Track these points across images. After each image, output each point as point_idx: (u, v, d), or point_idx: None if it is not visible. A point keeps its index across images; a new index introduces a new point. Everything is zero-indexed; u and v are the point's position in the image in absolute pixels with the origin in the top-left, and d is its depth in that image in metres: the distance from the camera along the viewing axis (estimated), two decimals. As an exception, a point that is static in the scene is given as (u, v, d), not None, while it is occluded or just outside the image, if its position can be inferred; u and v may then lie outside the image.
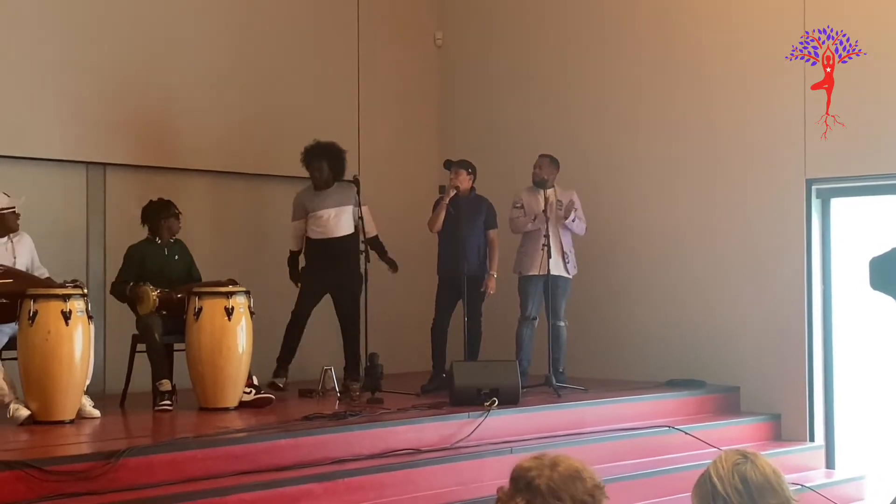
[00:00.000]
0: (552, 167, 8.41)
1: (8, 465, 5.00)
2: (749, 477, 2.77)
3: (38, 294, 6.39)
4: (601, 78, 9.29)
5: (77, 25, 8.07)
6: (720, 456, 2.87)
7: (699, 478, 2.86)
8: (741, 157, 8.51)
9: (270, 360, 8.37)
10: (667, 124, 8.90)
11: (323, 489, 5.69)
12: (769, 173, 8.38)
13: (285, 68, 9.23)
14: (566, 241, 8.30)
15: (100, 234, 8.19)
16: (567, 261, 8.23)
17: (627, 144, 9.10)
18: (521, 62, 9.80)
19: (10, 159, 7.72)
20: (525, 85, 9.75)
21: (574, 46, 9.47)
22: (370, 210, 8.23)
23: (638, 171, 9.04)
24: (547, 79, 9.62)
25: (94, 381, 6.84)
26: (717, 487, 2.78)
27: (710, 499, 2.79)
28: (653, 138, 8.97)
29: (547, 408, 7.35)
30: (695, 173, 8.74)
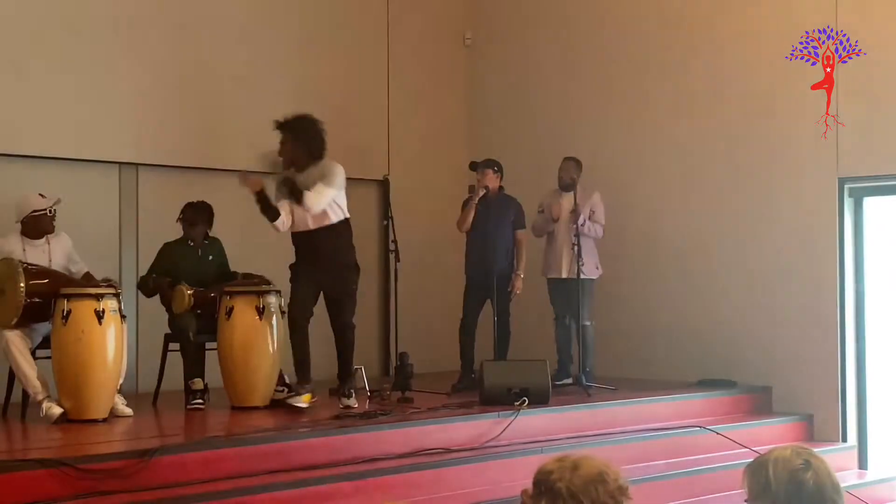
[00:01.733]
0: (576, 169, 8.41)
1: (42, 464, 5.04)
2: (805, 486, 2.74)
3: (71, 293, 6.45)
4: (630, 78, 9.26)
5: (111, 27, 8.13)
6: (784, 451, 2.84)
7: (756, 461, 2.85)
8: (774, 155, 8.45)
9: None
10: (698, 121, 8.86)
11: (353, 488, 5.70)
12: (802, 172, 8.32)
13: (315, 68, 9.25)
14: (583, 244, 8.24)
15: (132, 235, 8.25)
16: (582, 262, 8.20)
17: (659, 143, 9.07)
18: (550, 62, 9.78)
19: (45, 160, 7.79)
20: (554, 85, 9.74)
21: (603, 47, 9.44)
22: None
23: (669, 169, 9.01)
24: (576, 79, 9.59)
25: (126, 379, 6.90)
26: (769, 484, 2.76)
27: (760, 489, 2.78)
28: (684, 136, 8.93)
29: (577, 407, 7.34)
30: (727, 172, 8.70)
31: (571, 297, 8.22)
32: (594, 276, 8.34)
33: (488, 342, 8.03)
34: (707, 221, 8.80)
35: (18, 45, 7.65)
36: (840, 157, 8.13)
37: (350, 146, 9.48)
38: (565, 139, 9.32)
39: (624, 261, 8.87)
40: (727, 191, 8.70)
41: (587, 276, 8.21)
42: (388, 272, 8.95)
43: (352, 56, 9.53)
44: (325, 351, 8.86)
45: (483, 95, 10.27)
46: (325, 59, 9.32)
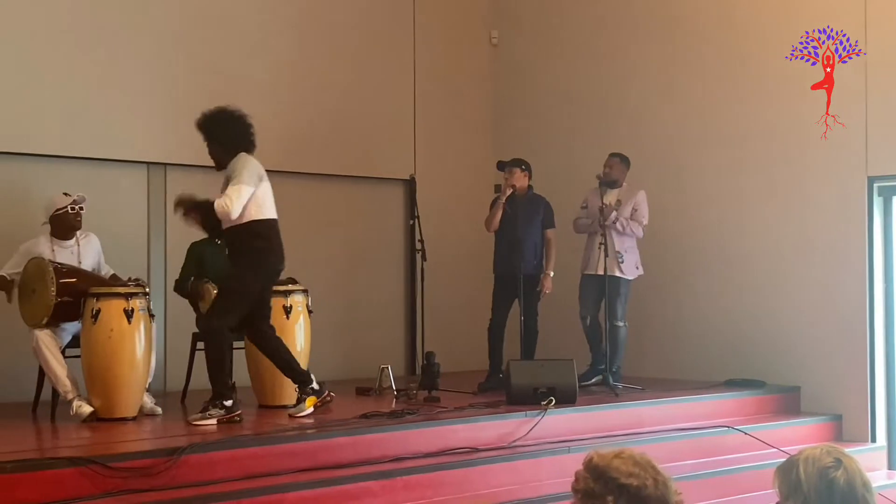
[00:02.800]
0: (623, 166, 8.36)
1: (72, 462, 5.07)
2: (836, 485, 2.73)
3: (100, 293, 6.50)
4: (659, 76, 9.24)
5: (140, 28, 8.18)
6: (814, 450, 2.83)
7: (786, 461, 2.85)
8: (802, 155, 8.41)
9: (328, 357, 8.44)
10: (726, 123, 8.82)
11: (381, 487, 5.71)
12: (830, 171, 8.27)
13: (341, 68, 9.28)
14: (620, 242, 8.21)
15: (160, 234, 8.29)
16: (621, 260, 8.16)
17: (686, 143, 9.04)
18: (578, 61, 9.77)
19: (74, 160, 7.85)
20: (581, 84, 9.72)
21: (631, 45, 9.42)
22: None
23: (697, 169, 8.98)
24: (603, 77, 9.58)
25: (154, 378, 6.95)
26: (801, 483, 2.75)
27: (791, 489, 2.77)
28: (713, 136, 8.90)
29: (604, 407, 7.33)
30: (755, 171, 8.66)
31: (605, 295, 8.19)
32: (631, 277, 8.29)
33: (516, 342, 8.02)
34: (736, 221, 8.76)
35: (47, 47, 7.71)
36: (869, 156, 8.08)
37: (376, 146, 9.53)
38: (593, 137, 9.31)
39: (653, 260, 8.84)
40: (756, 190, 8.66)
41: (624, 275, 8.18)
42: (415, 271, 8.97)
43: (378, 55, 9.55)
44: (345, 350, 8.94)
45: (509, 94, 10.26)
46: (350, 59, 9.34)
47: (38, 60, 7.68)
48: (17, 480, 4.87)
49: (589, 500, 2.53)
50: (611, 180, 8.27)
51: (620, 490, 2.51)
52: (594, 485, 2.53)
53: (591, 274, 8.27)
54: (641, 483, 2.50)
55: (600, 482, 2.52)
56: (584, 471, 2.56)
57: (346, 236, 9.37)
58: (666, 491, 2.51)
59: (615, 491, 2.50)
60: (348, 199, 9.44)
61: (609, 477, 2.52)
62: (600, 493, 2.52)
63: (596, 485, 2.53)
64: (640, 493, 2.49)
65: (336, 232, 9.27)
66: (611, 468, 2.52)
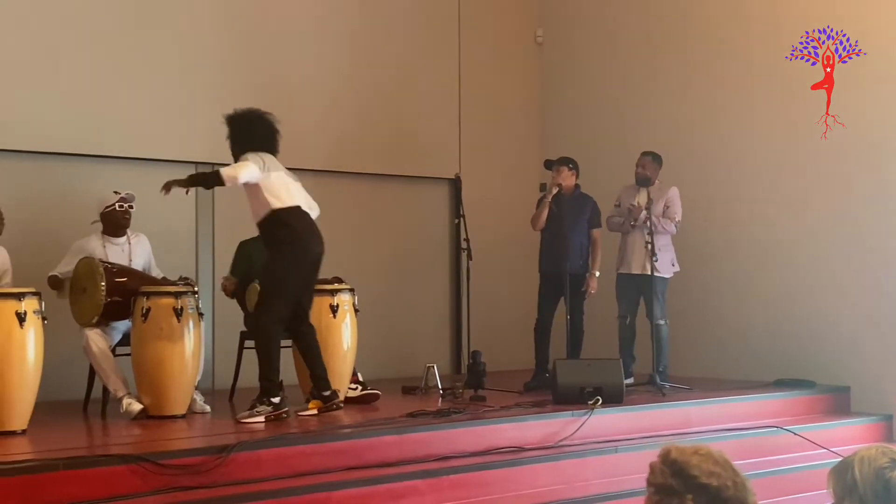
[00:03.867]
0: (655, 164, 8.31)
1: (123, 459, 5.12)
2: (892, 485, 2.70)
3: (150, 292, 6.56)
4: (704, 74, 9.17)
5: (187, 28, 8.26)
6: (868, 451, 2.80)
7: (841, 462, 2.81)
8: (850, 151, 8.32)
9: (374, 356, 8.47)
10: (775, 119, 8.74)
11: (427, 486, 5.72)
12: (879, 167, 8.17)
13: (387, 67, 9.30)
14: (655, 241, 8.14)
15: (209, 234, 8.36)
16: (656, 259, 8.11)
17: (736, 140, 8.96)
18: (623, 58, 9.72)
19: (123, 160, 7.93)
20: (627, 81, 9.68)
21: (676, 42, 9.37)
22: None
23: (746, 167, 8.91)
24: (649, 75, 9.53)
25: (203, 376, 7.00)
26: (856, 484, 2.72)
27: (847, 491, 2.74)
28: (762, 133, 8.82)
29: (651, 407, 7.29)
30: (804, 169, 8.58)
31: (643, 294, 8.17)
32: (668, 275, 8.25)
33: (562, 341, 8.00)
34: (784, 219, 8.68)
35: (96, 48, 7.80)
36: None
37: (421, 145, 9.54)
38: (639, 136, 9.26)
39: (701, 258, 8.79)
40: (805, 188, 8.58)
41: (661, 273, 8.13)
42: (460, 270, 8.98)
43: (423, 55, 9.56)
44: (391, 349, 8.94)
45: (555, 93, 10.23)
46: (396, 58, 9.36)
47: (91, 65, 7.77)
48: (69, 477, 4.93)
49: (666, 496, 2.45)
50: (644, 178, 8.23)
51: (700, 489, 2.44)
52: (673, 481, 2.46)
53: (626, 273, 8.26)
54: (722, 484, 2.43)
55: (679, 479, 2.45)
56: (661, 465, 2.48)
57: (392, 236, 9.40)
58: (745, 492, 2.45)
59: (694, 489, 2.43)
60: (394, 198, 9.47)
61: (689, 475, 2.45)
62: (680, 490, 2.45)
63: (675, 481, 2.46)
64: (721, 494, 2.42)
65: (382, 231, 9.30)
66: (691, 465, 2.45)
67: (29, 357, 5.94)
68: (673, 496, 2.44)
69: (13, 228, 7.22)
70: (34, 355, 5.96)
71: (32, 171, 7.63)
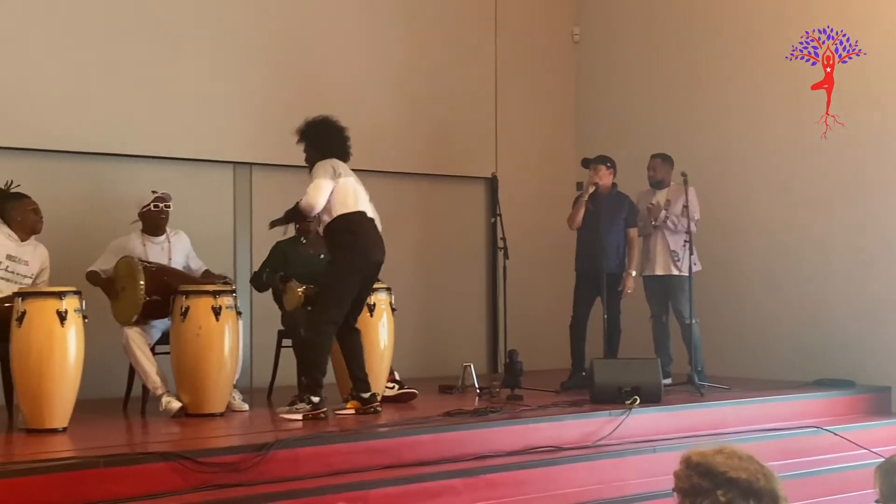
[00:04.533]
0: (665, 166, 8.34)
1: (162, 457, 5.15)
2: None
3: (189, 291, 6.60)
4: (743, 74, 9.10)
5: (227, 28, 8.31)
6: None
7: (887, 461, 2.81)
8: (883, 148, 8.24)
9: (410, 355, 8.48)
10: (808, 116, 8.66)
11: (464, 485, 5.71)
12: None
13: (423, 66, 9.32)
14: (675, 240, 8.15)
15: (246, 233, 8.41)
16: (677, 259, 8.09)
17: (775, 137, 8.89)
18: (660, 58, 9.68)
19: (162, 160, 8.00)
20: (664, 80, 9.63)
21: (714, 42, 9.31)
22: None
23: (784, 164, 8.84)
24: (686, 74, 9.48)
25: (241, 374, 7.03)
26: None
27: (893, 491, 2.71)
28: (796, 131, 8.75)
29: (690, 407, 7.24)
30: (841, 167, 8.50)
31: (669, 295, 8.16)
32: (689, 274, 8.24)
33: (599, 340, 7.97)
34: (825, 217, 8.61)
35: (133, 49, 7.86)
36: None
37: (458, 144, 9.55)
38: (675, 135, 9.21)
39: (739, 257, 8.73)
40: (848, 186, 8.50)
41: (682, 273, 8.12)
42: (497, 269, 8.97)
43: (459, 54, 9.56)
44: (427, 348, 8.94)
45: (591, 91, 10.20)
46: (432, 57, 9.37)
47: (128, 65, 7.83)
48: (109, 475, 4.97)
49: (696, 497, 2.44)
50: (656, 181, 8.25)
51: (730, 483, 2.42)
52: (700, 480, 2.45)
53: (650, 275, 8.28)
54: (752, 476, 2.42)
55: (707, 477, 2.44)
56: (685, 469, 2.47)
57: (429, 235, 9.41)
58: (774, 483, 2.43)
59: (725, 484, 2.41)
60: (431, 197, 9.48)
61: (717, 472, 2.43)
62: (709, 487, 2.43)
63: (703, 480, 2.44)
64: (752, 486, 2.40)
65: (418, 230, 9.31)
66: (717, 463, 2.44)
67: (70, 355, 5.98)
68: (702, 495, 2.43)
69: (53, 228, 7.30)
70: (75, 354, 6.01)
71: (72, 172, 7.70)
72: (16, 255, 6.52)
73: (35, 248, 6.64)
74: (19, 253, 6.55)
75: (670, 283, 8.16)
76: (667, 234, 8.17)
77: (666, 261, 8.15)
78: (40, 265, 6.67)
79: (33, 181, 7.24)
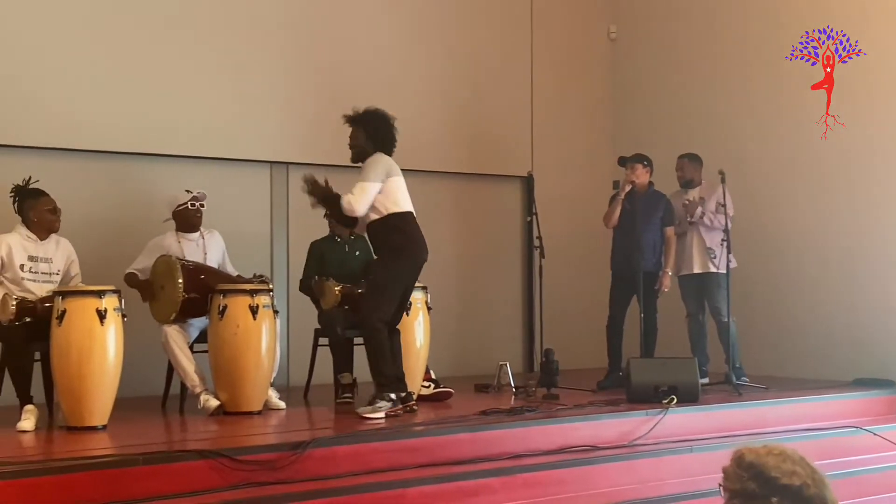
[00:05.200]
0: (693, 165, 8.31)
1: (201, 455, 5.18)
2: None
3: (227, 289, 6.64)
4: (780, 71, 9.03)
5: (264, 29, 8.34)
6: None
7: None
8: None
9: (446, 354, 8.49)
10: (851, 112, 8.59)
11: (501, 483, 5.71)
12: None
13: (460, 65, 9.32)
14: (710, 238, 8.13)
15: (283, 232, 8.45)
16: (713, 256, 8.06)
17: (810, 135, 8.82)
18: (697, 55, 9.62)
19: (199, 160, 8.05)
20: (701, 78, 9.57)
21: (751, 40, 9.24)
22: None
23: (822, 161, 8.76)
24: (723, 72, 9.41)
25: (278, 373, 7.06)
26: None
27: None
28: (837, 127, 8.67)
29: (727, 406, 7.20)
30: (880, 165, 8.42)
31: (705, 293, 8.12)
32: (726, 271, 8.19)
33: (635, 339, 7.94)
34: (863, 215, 8.53)
35: (168, 50, 7.92)
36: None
37: (494, 143, 9.54)
38: (713, 134, 9.16)
39: (777, 255, 8.67)
40: (882, 183, 8.42)
41: (719, 270, 8.08)
42: (533, 268, 8.96)
43: (494, 52, 9.56)
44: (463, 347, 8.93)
45: (628, 90, 10.16)
46: (467, 55, 9.37)
47: (164, 66, 7.88)
48: (148, 472, 5.00)
49: (747, 501, 2.39)
50: (686, 181, 8.24)
51: (783, 491, 2.38)
52: (752, 484, 2.40)
53: (687, 274, 8.24)
54: (803, 482, 2.38)
55: (759, 482, 2.39)
56: (736, 469, 2.42)
57: (465, 233, 9.41)
58: (824, 489, 2.39)
59: (779, 491, 2.37)
60: (467, 196, 9.48)
61: (769, 476, 2.39)
62: (763, 494, 2.38)
63: (755, 485, 2.39)
64: (803, 492, 2.36)
65: (454, 229, 9.31)
66: (769, 467, 2.39)
67: (109, 354, 6.04)
68: (755, 500, 2.38)
69: (91, 228, 7.39)
70: (114, 352, 6.06)
71: (110, 172, 7.76)
72: (37, 254, 6.47)
73: (58, 244, 6.59)
74: (40, 252, 6.49)
75: (707, 281, 8.12)
76: (702, 231, 8.14)
77: (703, 258, 8.13)
78: (66, 260, 6.62)
79: (71, 181, 7.34)
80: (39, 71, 7.41)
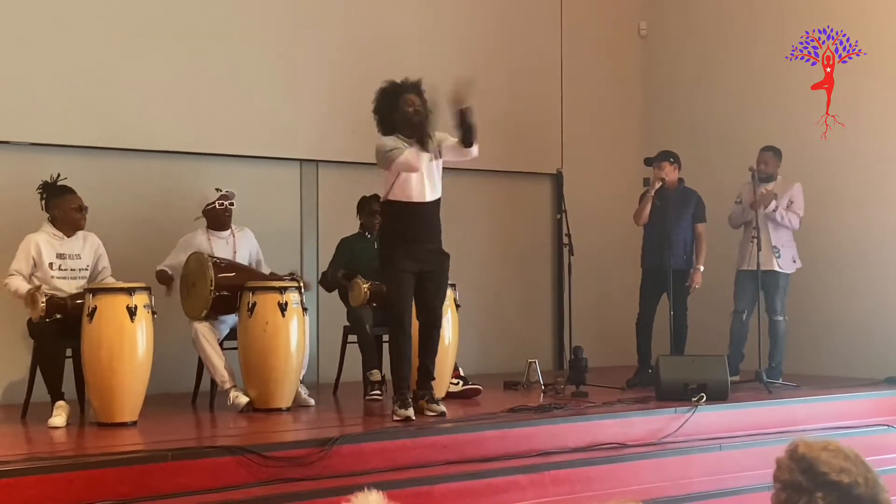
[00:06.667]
0: (776, 159, 8.22)
1: (230, 451, 5.22)
2: None
3: (256, 287, 6.68)
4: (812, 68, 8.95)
5: (294, 27, 8.37)
6: None
7: None
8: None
9: (475, 351, 8.48)
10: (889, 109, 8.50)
11: (529, 481, 5.71)
12: None
13: (489, 62, 9.28)
14: (777, 236, 8.06)
15: (313, 230, 8.48)
16: (778, 255, 7.99)
17: (848, 133, 8.72)
18: (727, 52, 9.56)
19: (227, 157, 8.09)
20: (731, 75, 9.51)
21: (782, 36, 9.16)
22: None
23: (860, 159, 8.67)
24: (754, 69, 9.34)
25: (308, 370, 7.09)
26: None
27: None
28: (876, 124, 8.59)
29: (757, 404, 7.16)
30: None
31: (765, 290, 8.04)
32: (790, 271, 8.15)
33: (665, 337, 7.91)
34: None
35: (199, 49, 7.96)
36: None
37: (523, 140, 9.52)
38: (744, 130, 9.10)
39: (812, 255, 8.59)
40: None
41: (782, 270, 8.03)
42: (562, 266, 8.93)
43: (524, 49, 9.54)
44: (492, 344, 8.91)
45: (658, 86, 10.11)
46: (498, 52, 9.35)
47: (196, 67, 7.93)
48: (177, 468, 5.05)
49: (795, 493, 2.36)
50: (767, 175, 8.14)
51: (830, 487, 2.33)
52: (801, 478, 2.36)
53: (746, 269, 8.13)
54: (853, 480, 2.33)
55: (808, 475, 2.35)
56: (788, 460, 2.39)
57: (494, 231, 9.40)
58: (876, 489, 2.36)
59: (825, 487, 2.33)
60: (496, 193, 9.47)
61: (819, 471, 2.35)
62: (809, 487, 2.35)
63: (804, 478, 2.36)
64: (851, 491, 2.32)
65: (483, 226, 9.31)
66: (820, 461, 2.35)
67: (139, 350, 6.09)
68: (802, 493, 2.36)
69: (122, 225, 7.45)
70: (144, 349, 6.11)
71: (142, 169, 7.82)
72: (64, 251, 6.51)
73: (85, 240, 6.62)
74: (67, 249, 6.53)
75: (768, 279, 8.02)
76: (770, 227, 8.05)
77: (767, 255, 8.01)
78: (94, 254, 6.65)
79: (103, 179, 7.40)
80: (77, 72, 7.46)
